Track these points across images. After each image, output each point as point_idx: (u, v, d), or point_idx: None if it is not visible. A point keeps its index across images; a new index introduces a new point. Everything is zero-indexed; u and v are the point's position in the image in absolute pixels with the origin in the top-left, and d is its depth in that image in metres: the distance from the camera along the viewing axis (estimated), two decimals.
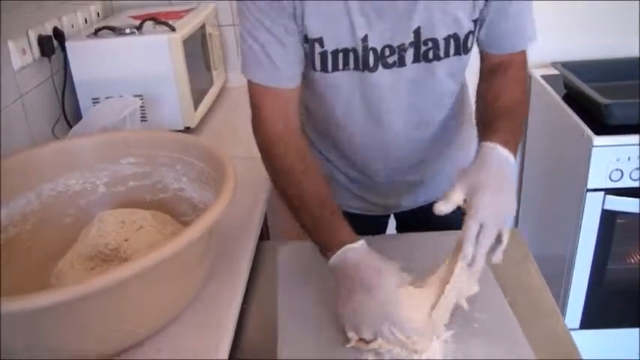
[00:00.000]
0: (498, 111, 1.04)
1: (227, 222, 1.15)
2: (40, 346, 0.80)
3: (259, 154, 1.13)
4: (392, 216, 1.47)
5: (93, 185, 1.17)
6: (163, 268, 0.81)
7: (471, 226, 0.88)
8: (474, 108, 1.13)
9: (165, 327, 0.90)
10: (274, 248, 1.21)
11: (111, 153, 1.16)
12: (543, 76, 2.14)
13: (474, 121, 1.13)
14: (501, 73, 1.08)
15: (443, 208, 0.90)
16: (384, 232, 1.50)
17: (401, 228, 1.50)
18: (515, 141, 1.00)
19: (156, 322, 0.89)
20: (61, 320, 0.77)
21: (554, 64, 2.06)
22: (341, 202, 1.29)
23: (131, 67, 1.57)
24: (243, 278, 1.02)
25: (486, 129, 1.01)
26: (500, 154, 0.95)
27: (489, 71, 1.10)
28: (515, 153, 0.98)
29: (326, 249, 0.93)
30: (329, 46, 0.99)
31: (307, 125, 1.25)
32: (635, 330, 1.95)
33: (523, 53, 1.10)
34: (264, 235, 1.39)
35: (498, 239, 0.90)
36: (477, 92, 1.12)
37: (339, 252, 0.91)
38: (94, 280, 0.72)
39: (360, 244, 0.92)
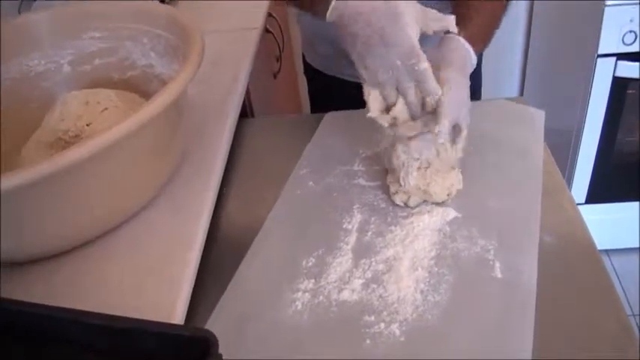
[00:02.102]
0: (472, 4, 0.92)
1: (203, 99, 1.07)
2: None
3: (239, 26, 1.02)
4: None
5: (57, 65, 1.06)
6: (124, 149, 0.73)
7: (446, 96, 0.78)
8: None
9: (138, 212, 0.84)
10: (259, 125, 1.13)
11: (72, 28, 1.05)
12: None
13: None
14: None
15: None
16: None
17: None
18: (482, 38, 0.90)
19: (126, 207, 0.82)
20: (20, 208, 0.70)
21: None
22: (343, 71, 1.20)
23: None
24: (221, 158, 0.94)
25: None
26: (462, 44, 0.84)
27: None
28: (478, 51, 0.88)
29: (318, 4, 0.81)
30: None
31: None
32: None
33: None
34: (247, 113, 1.30)
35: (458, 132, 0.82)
36: None
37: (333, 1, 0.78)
38: (37, 166, 0.64)
39: None
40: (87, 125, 0.90)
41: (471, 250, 0.77)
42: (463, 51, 0.85)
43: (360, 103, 1.05)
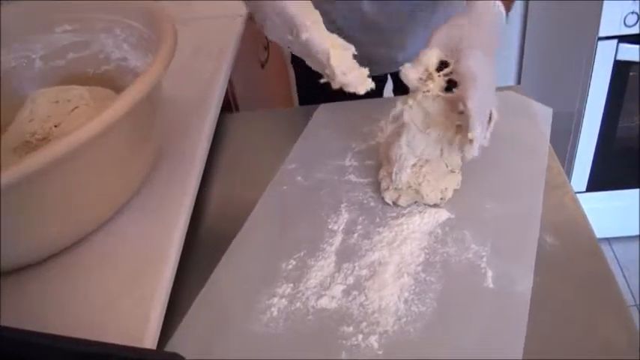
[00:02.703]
0: None
1: (183, 93, 1.01)
2: None
3: (223, 14, 0.98)
4: (389, 78, 1.32)
5: (28, 60, 1.01)
6: (89, 154, 0.68)
7: (473, 96, 0.69)
8: None
9: (108, 220, 0.78)
10: (243, 120, 1.07)
11: (43, 21, 0.99)
12: None
13: None
14: None
15: (409, 73, 0.75)
16: (381, 95, 1.36)
17: (398, 89, 1.35)
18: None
19: (94, 216, 0.77)
20: None
21: None
22: None
23: None
24: (200, 158, 0.88)
25: None
26: (496, 5, 0.77)
27: None
28: (509, 8, 0.81)
29: None
30: None
31: None
32: None
33: None
34: (231, 107, 1.24)
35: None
36: None
37: None
38: None
39: None
40: (55, 126, 0.84)
41: (462, 256, 0.72)
42: (490, 15, 0.77)
43: (348, 93, 0.99)
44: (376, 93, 1.33)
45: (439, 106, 0.77)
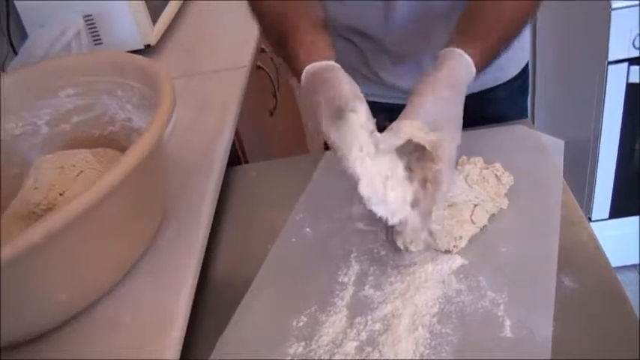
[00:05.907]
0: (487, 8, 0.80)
1: (189, 150, 1.01)
2: None
3: (226, 66, 0.97)
4: None
5: (34, 127, 1.01)
6: (88, 223, 0.67)
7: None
8: None
9: (114, 287, 0.77)
10: (249, 174, 1.06)
11: (46, 86, 1.00)
12: None
13: None
14: None
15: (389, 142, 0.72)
16: None
17: None
18: (491, 45, 0.79)
19: (98, 284, 0.75)
20: None
21: None
22: None
23: None
24: (205, 215, 0.87)
25: (462, 28, 0.80)
26: (465, 64, 0.75)
27: None
28: (484, 65, 0.78)
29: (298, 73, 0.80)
30: None
31: None
32: None
33: None
34: (240, 160, 1.24)
35: None
36: None
37: (305, 71, 0.77)
38: None
39: (327, 63, 0.77)
40: (60, 195, 0.84)
41: (478, 305, 0.69)
42: (455, 69, 0.75)
43: None
44: None
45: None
